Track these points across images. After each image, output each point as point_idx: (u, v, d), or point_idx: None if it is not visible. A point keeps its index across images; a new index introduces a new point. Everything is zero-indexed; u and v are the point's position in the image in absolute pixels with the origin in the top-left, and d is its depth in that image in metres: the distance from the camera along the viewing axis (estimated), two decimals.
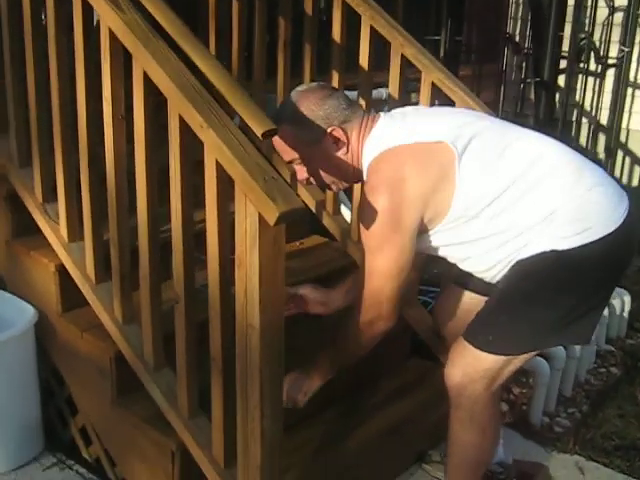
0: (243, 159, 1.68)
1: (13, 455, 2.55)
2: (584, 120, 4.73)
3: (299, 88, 2.10)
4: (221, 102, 1.88)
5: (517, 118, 4.69)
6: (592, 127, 4.71)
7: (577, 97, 4.64)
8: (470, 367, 2.03)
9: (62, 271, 2.38)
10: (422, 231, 1.99)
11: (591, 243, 1.90)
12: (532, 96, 4.75)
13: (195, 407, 2.10)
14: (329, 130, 2.03)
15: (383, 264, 1.96)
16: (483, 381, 2.02)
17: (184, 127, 1.82)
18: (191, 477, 2.14)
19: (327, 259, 2.99)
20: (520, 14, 4.79)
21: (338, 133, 2.03)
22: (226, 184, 1.77)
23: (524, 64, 4.63)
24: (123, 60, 2.00)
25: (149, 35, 1.87)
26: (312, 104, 2.03)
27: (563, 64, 4.63)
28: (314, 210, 3.06)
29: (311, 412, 2.51)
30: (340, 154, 2.07)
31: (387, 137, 2.00)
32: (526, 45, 4.65)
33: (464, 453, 2.15)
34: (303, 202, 2.33)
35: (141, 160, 2.00)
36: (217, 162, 1.74)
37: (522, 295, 1.99)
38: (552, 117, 4.70)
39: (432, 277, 3.11)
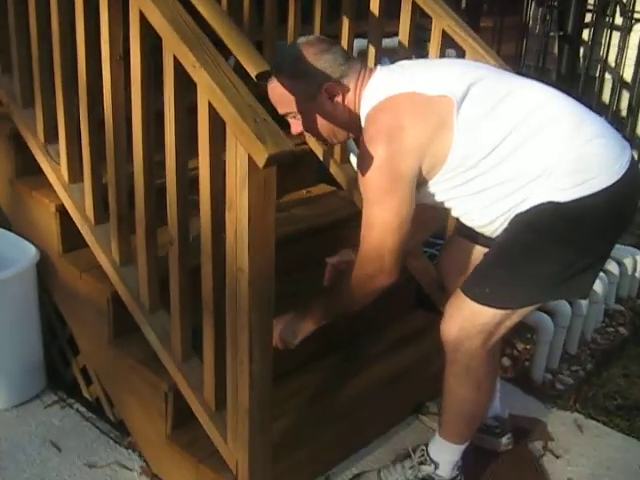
0: (234, 100, 1.66)
1: (15, 392, 2.59)
2: (607, 76, 4.61)
3: (298, 40, 2.05)
4: (220, 45, 1.87)
5: (539, 72, 4.59)
6: (616, 83, 4.60)
7: (601, 52, 4.52)
8: (467, 322, 2.01)
9: (63, 212, 2.39)
10: (421, 182, 1.96)
11: (591, 195, 1.86)
12: (555, 50, 4.63)
13: (188, 349, 2.11)
14: (324, 86, 1.99)
15: (383, 216, 1.93)
16: (480, 336, 2.00)
17: (178, 67, 1.80)
18: (184, 417, 2.16)
19: (333, 208, 2.97)
20: None
21: (333, 89, 1.99)
22: (218, 126, 1.76)
23: (548, 17, 4.50)
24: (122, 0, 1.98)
25: None
26: (309, 59, 1.97)
27: (588, 18, 4.51)
28: (322, 158, 3.03)
29: (309, 359, 2.54)
30: (336, 109, 2.02)
31: (385, 87, 1.96)
32: None
33: (459, 407, 2.14)
34: (310, 149, 2.32)
35: (137, 101, 1.99)
36: (209, 104, 1.73)
37: (520, 248, 1.96)
38: (575, 72, 4.59)
39: (439, 230, 3.08)
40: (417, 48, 2.86)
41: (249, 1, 3.07)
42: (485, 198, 1.97)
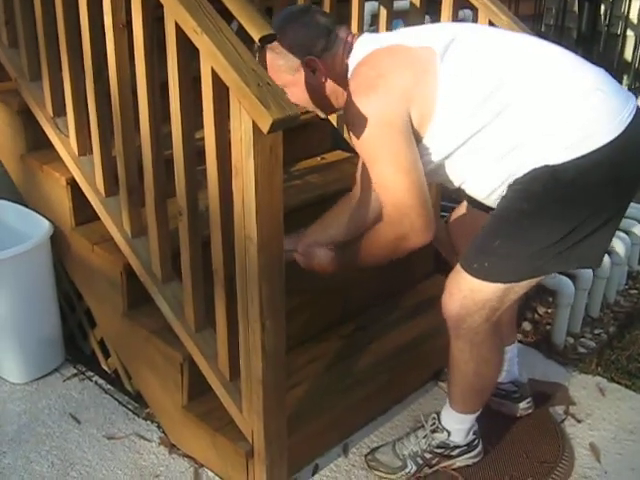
0: (237, 65, 1.63)
1: (34, 366, 2.61)
2: (629, 33, 4.51)
3: (282, 14, 2.01)
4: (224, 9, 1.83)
5: (559, 31, 4.49)
6: (638, 40, 4.49)
7: (622, 9, 4.41)
8: (467, 299, 1.93)
9: (74, 185, 2.38)
10: (416, 138, 1.86)
11: (590, 153, 1.75)
12: (575, 8, 4.53)
13: (201, 319, 2.10)
14: (304, 59, 1.94)
15: (389, 172, 1.84)
16: (482, 312, 1.93)
17: (180, 34, 1.77)
18: (200, 388, 2.16)
19: (348, 174, 2.92)
20: None
21: (314, 63, 1.94)
22: (222, 92, 1.73)
23: None
24: None
25: None
26: (289, 34, 1.93)
27: None
28: (336, 125, 2.99)
29: (325, 327, 2.52)
30: (320, 81, 1.98)
31: (368, 46, 1.91)
32: None
33: (466, 381, 2.09)
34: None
35: (141, 71, 1.96)
36: (212, 69, 1.69)
37: (517, 217, 1.86)
38: (595, 30, 4.48)
39: (457, 194, 3.03)
40: (430, 9, 2.79)
41: None
42: (482, 160, 1.88)
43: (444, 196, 2.87)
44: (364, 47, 1.93)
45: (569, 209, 1.81)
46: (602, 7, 4.55)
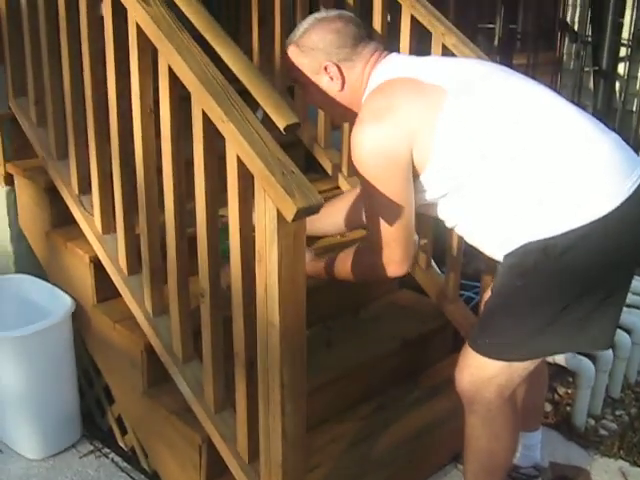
0: (262, 153, 1.66)
1: (51, 442, 2.59)
2: None
3: (318, 15, 2.05)
4: (247, 95, 1.88)
5: None
6: None
7: (637, 86, 4.47)
8: (475, 376, 1.93)
9: (97, 262, 2.41)
10: (414, 174, 1.88)
11: (582, 227, 1.71)
12: (590, 85, 4.60)
13: (221, 400, 2.10)
14: (324, 64, 1.98)
15: (382, 203, 1.86)
16: (491, 388, 1.92)
17: (207, 121, 1.81)
18: (218, 468, 2.14)
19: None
20: (578, 0, 4.64)
21: (331, 69, 1.98)
22: (247, 179, 1.75)
23: (582, 52, 4.47)
24: (151, 54, 2.00)
25: (174, 28, 1.86)
26: (316, 35, 1.98)
27: (622, 52, 4.48)
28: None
29: (344, 408, 2.51)
30: (335, 90, 2.01)
31: (388, 72, 1.94)
32: (584, 32, 4.50)
33: (479, 458, 2.06)
34: None
35: (167, 154, 2.00)
36: (238, 157, 1.73)
37: (511, 293, 1.85)
38: (611, 106, 4.54)
39: (475, 272, 3.04)
40: None
41: (280, 45, 3.10)
42: (475, 210, 1.87)
43: (464, 274, 2.88)
44: (384, 71, 1.95)
45: (559, 285, 1.78)
46: (617, 84, 4.61)
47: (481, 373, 1.93)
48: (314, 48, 1.98)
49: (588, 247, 1.73)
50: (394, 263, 1.94)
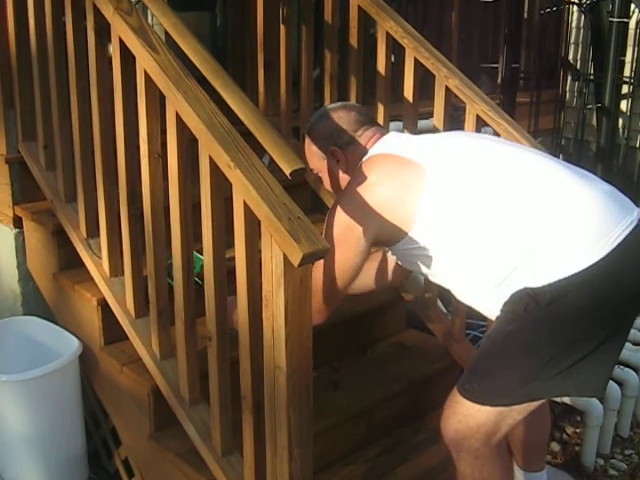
0: (269, 199, 1.68)
1: None
2: None
3: (325, 107, 2.24)
4: (253, 137, 1.90)
5: (578, 144, 4.58)
6: None
7: None
8: (461, 423, 1.91)
9: (104, 305, 2.42)
10: (390, 241, 2.00)
11: (570, 277, 1.74)
12: (593, 122, 4.63)
13: (228, 444, 2.09)
14: (330, 149, 2.13)
15: (331, 261, 1.96)
16: (477, 436, 1.90)
17: (214, 167, 1.83)
18: None
19: (373, 294, 2.94)
20: (580, 39, 4.69)
21: (336, 153, 2.12)
22: (254, 224, 1.77)
23: (584, 90, 4.52)
24: (159, 100, 2.03)
25: (181, 75, 1.89)
26: (323, 125, 2.14)
27: (625, 89, 4.51)
28: None
29: (351, 450, 2.49)
30: (341, 172, 2.14)
31: (375, 149, 2.06)
32: (587, 70, 4.54)
33: None
34: None
35: (175, 198, 2.02)
36: (244, 203, 1.75)
37: (502, 338, 1.86)
38: (614, 143, 4.57)
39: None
40: (453, 127, 2.88)
41: (285, 88, 3.14)
42: (463, 269, 1.92)
43: (469, 314, 2.87)
44: (377, 148, 2.07)
45: (549, 332, 1.79)
46: (620, 121, 4.64)
47: (469, 420, 1.91)
48: (321, 136, 2.15)
49: (578, 295, 1.75)
50: (317, 313, 2.00)
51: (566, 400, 2.83)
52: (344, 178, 2.13)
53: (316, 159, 2.18)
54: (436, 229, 1.91)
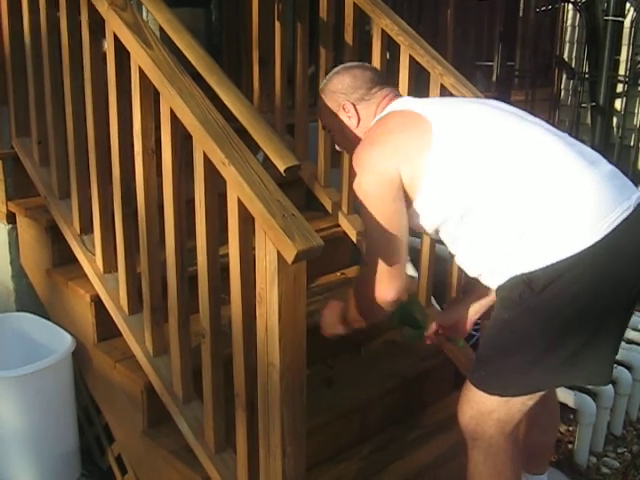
0: (263, 196, 1.67)
1: None
2: None
3: (344, 64, 2.24)
4: (248, 134, 1.90)
5: None
6: None
7: (634, 121, 4.51)
8: (475, 410, 1.94)
9: (98, 301, 2.41)
10: (408, 199, 1.94)
11: (563, 261, 1.72)
12: (588, 120, 4.64)
13: (221, 441, 2.09)
14: (341, 104, 2.13)
15: (375, 226, 1.92)
16: (492, 424, 1.92)
17: (208, 163, 1.83)
18: None
19: None
20: (575, 37, 4.70)
21: (347, 107, 2.12)
22: (248, 220, 1.77)
23: (579, 88, 4.52)
24: (153, 96, 2.02)
25: (175, 72, 1.89)
26: (338, 79, 2.14)
27: (619, 88, 4.52)
28: (355, 241, 3.03)
29: (345, 447, 2.49)
30: (352, 128, 2.13)
31: (390, 108, 2.07)
32: (581, 69, 4.55)
33: None
34: (344, 232, 2.28)
35: (168, 195, 2.02)
36: (238, 199, 1.74)
37: (500, 327, 1.86)
38: (609, 142, 4.57)
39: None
40: None
41: (280, 84, 3.14)
42: (468, 240, 1.91)
43: None
44: (393, 107, 2.08)
45: (545, 319, 1.78)
46: (615, 119, 4.65)
47: (481, 407, 1.93)
48: (335, 91, 2.14)
49: (572, 280, 1.73)
50: (381, 283, 1.95)
51: (559, 398, 2.82)
52: (355, 135, 2.13)
53: (328, 114, 2.18)
54: (440, 194, 1.89)
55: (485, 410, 1.93)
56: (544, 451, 2.38)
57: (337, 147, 2.27)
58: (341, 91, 2.13)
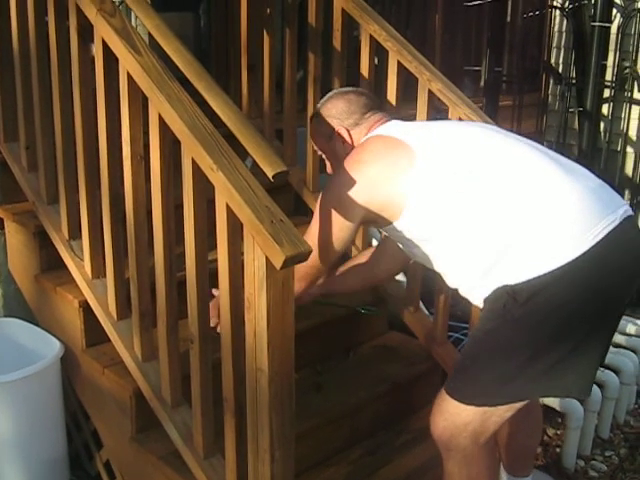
0: (251, 202, 1.68)
1: None
2: (629, 150, 4.61)
3: (338, 89, 2.29)
4: (236, 140, 1.90)
5: (560, 147, 4.61)
6: (638, 156, 4.60)
7: (621, 126, 4.53)
8: (448, 421, 1.93)
9: (86, 307, 2.41)
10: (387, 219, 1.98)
11: (547, 274, 1.73)
12: (575, 125, 4.66)
13: (210, 446, 2.09)
14: (335, 130, 2.14)
15: (321, 232, 1.99)
16: (466, 434, 1.91)
17: (196, 169, 1.83)
18: None
19: (357, 295, 2.94)
20: (562, 43, 4.72)
21: (342, 133, 2.14)
22: (236, 226, 1.77)
23: (566, 93, 4.54)
24: (142, 101, 2.03)
25: (164, 78, 1.89)
26: (332, 104, 2.17)
27: (606, 93, 4.54)
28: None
29: (333, 452, 2.50)
30: (345, 152, 2.12)
31: (375, 132, 2.08)
32: (569, 74, 4.57)
33: None
34: None
35: (157, 200, 2.02)
36: (227, 205, 1.75)
37: (482, 337, 1.88)
38: (596, 146, 4.59)
39: (464, 314, 3.06)
40: None
41: (269, 90, 3.14)
42: (454, 256, 1.92)
43: (452, 316, 2.89)
44: (376, 131, 2.10)
45: (528, 331, 1.79)
46: (602, 124, 4.67)
47: (455, 419, 1.92)
48: (328, 115, 2.16)
49: (555, 292, 1.74)
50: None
51: (547, 402, 2.84)
52: None
53: (322, 139, 2.19)
54: (425, 213, 1.91)
55: (460, 422, 1.91)
56: (528, 454, 2.39)
57: (328, 170, 2.25)
58: (335, 116, 2.15)
